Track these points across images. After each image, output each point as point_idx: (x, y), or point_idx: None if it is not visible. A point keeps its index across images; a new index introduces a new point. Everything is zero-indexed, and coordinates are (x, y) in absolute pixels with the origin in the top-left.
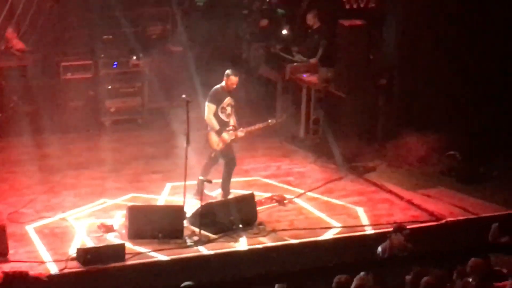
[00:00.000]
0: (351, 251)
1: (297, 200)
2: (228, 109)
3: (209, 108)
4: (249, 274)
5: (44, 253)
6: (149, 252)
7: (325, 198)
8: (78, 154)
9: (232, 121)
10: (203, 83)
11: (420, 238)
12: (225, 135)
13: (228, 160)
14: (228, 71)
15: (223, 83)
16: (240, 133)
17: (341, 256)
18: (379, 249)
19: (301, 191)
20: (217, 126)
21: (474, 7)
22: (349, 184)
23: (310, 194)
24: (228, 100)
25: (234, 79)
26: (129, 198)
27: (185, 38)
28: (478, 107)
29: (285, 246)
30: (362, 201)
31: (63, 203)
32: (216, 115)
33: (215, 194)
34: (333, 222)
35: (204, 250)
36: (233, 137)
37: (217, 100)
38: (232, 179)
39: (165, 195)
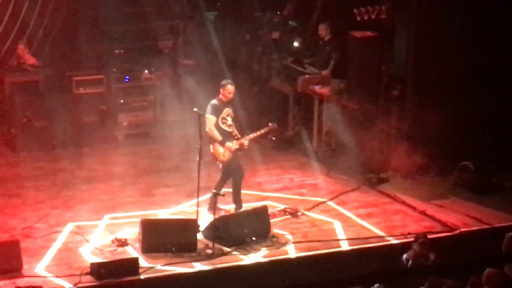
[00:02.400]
0: (365, 262)
1: (310, 212)
2: (229, 120)
3: (209, 120)
4: (263, 286)
5: (58, 268)
6: (162, 265)
7: (339, 210)
8: (91, 168)
9: (234, 131)
10: (215, 96)
11: (434, 249)
12: (229, 144)
13: (235, 171)
14: (223, 81)
15: (220, 95)
16: (245, 141)
17: (355, 267)
18: (403, 258)
19: (315, 202)
20: (219, 137)
21: (487, 18)
22: (362, 196)
23: (323, 206)
24: (227, 110)
25: (230, 88)
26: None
27: (197, 51)
28: (491, 117)
29: (298, 258)
30: (376, 213)
31: (77, 217)
32: (217, 126)
33: (228, 207)
34: (347, 234)
35: (217, 263)
36: (237, 146)
37: (216, 111)
38: (245, 192)
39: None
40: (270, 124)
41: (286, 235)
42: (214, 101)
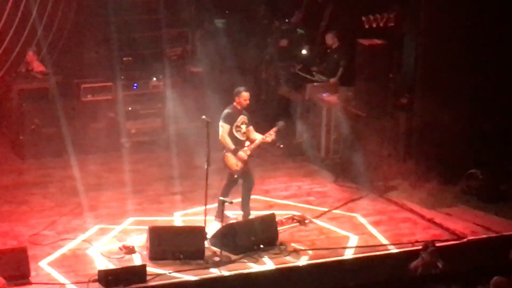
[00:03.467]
0: (373, 270)
1: (317, 220)
2: (243, 128)
3: (223, 128)
4: None
5: (65, 276)
6: (170, 273)
7: (346, 218)
8: (98, 175)
9: (247, 141)
10: (223, 104)
11: (442, 257)
12: (241, 153)
13: (246, 180)
14: (238, 89)
15: (234, 103)
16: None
17: (363, 275)
18: (411, 266)
19: (323, 210)
20: (232, 146)
21: (496, 26)
22: (370, 203)
23: (331, 213)
24: (241, 118)
25: (245, 95)
26: (147, 221)
27: (205, 59)
28: (500, 125)
29: (306, 266)
30: (384, 220)
31: (84, 224)
32: (231, 134)
33: (235, 214)
34: (355, 242)
35: (225, 271)
36: (249, 153)
37: (230, 119)
38: (253, 198)
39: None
40: (277, 123)
41: (294, 243)
42: (228, 110)
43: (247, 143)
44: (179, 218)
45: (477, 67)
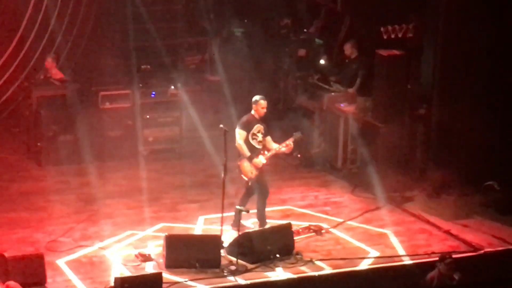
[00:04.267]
0: (389, 281)
1: (334, 230)
2: (259, 136)
3: (240, 135)
4: None
5: (82, 282)
6: (186, 281)
7: (363, 228)
8: (116, 183)
9: (265, 147)
10: (241, 113)
11: (458, 269)
12: (256, 160)
13: (261, 188)
14: (255, 97)
15: (252, 111)
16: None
17: (379, 286)
18: (428, 277)
19: (339, 220)
20: (247, 153)
21: None
22: (387, 214)
23: (347, 224)
24: (258, 127)
25: (263, 103)
26: (164, 228)
27: (223, 67)
28: None
29: (322, 276)
30: (400, 231)
31: (101, 232)
32: (247, 141)
33: (252, 223)
34: (371, 252)
35: (241, 280)
36: (265, 161)
37: (247, 126)
38: (269, 208)
39: (200, 226)
40: (292, 135)
41: (310, 252)
42: (246, 117)
43: (264, 152)
44: (199, 227)
45: (495, 78)
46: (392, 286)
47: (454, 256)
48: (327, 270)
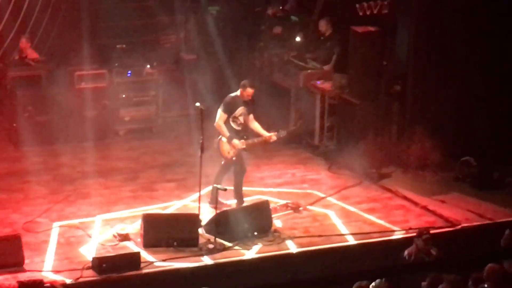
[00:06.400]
0: (367, 257)
1: (312, 207)
2: (240, 119)
3: (220, 116)
4: (265, 281)
5: (60, 263)
6: (164, 260)
7: (340, 205)
8: (92, 163)
9: (246, 130)
10: (217, 91)
11: (435, 244)
12: (236, 141)
13: (237, 167)
14: (245, 82)
15: (238, 92)
16: (254, 140)
17: (357, 262)
18: (405, 253)
19: (317, 196)
20: (227, 133)
21: (488, 12)
22: (363, 191)
23: (325, 201)
24: (241, 109)
25: (250, 90)
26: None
27: (198, 46)
28: (492, 112)
29: (300, 253)
30: (377, 208)
31: (78, 212)
32: (227, 123)
33: (229, 202)
34: (348, 229)
35: (219, 258)
36: (244, 146)
37: (230, 110)
38: (247, 187)
39: (177, 205)
40: (277, 132)
41: (288, 230)
42: (231, 98)
43: (245, 136)
44: (173, 205)
45: (469, 54)
46: (370, 263)
47: (431, 231)
48: (304, 247)
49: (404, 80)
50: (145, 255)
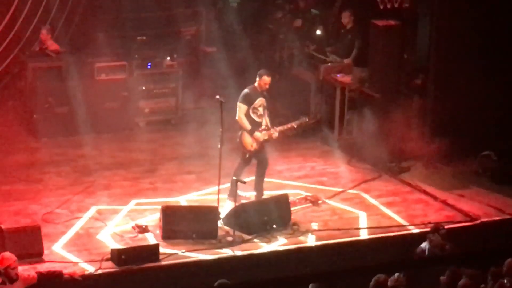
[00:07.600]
0: (386, 251)
1: (331, 200)
2: (260, 110)
3: (240, 109)
4: (284, 274)
5: (79, 254)
6: (183, 252)
7: (359, 199)
8: (112, 154)
9: (265, 121)
10: (237, 84)
11: (454, 239)
12: (258, 134)
13: (261, 160)
14: (261, 71)
15: (256, 84)
16: (275, 132)
17: (375, 256)
18: (419, 248)
19: (336, 190)
20: (248, 126)
21: (510, 5)
22: (383, 185)
23: (344, 194)
24: (260, 100)
25: (267, 79)
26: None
27: (219, 38)
28: None
29: (318, 246)
30: (397, 202)
31: (98, 203)
32: (247, 115)
33: (249, 194)
34: (368, 223)
35: (238, 251)
36: (266, 137)
37: (249, 100)
38: (266, 180)
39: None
40: (302, 118)
41: (307, 223)
42: (247, 90)
43: (267, 127)
44: (193, 198)
45: (492, 48)
46: (388, 256)
47: (450, 226)
48: (324, 240)
49: (425, 73)
50: (164, 247)
